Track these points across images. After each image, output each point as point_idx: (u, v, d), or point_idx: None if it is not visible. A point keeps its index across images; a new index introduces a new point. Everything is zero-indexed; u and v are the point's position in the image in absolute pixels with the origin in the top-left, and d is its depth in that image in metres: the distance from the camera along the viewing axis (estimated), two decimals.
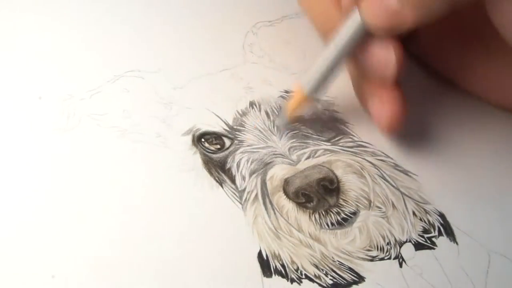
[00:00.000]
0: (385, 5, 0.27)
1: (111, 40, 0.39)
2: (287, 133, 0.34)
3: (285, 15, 0.40)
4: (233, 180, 0.32)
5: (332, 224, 0.31)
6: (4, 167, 0.32)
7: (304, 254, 0.30)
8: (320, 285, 0.29)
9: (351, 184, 0.32)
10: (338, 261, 0.30)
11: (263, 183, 0.32)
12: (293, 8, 0.40)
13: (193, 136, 0.34)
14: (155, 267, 0.29)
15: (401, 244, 0.30)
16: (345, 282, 0.29)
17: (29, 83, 0.36)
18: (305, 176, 0.31)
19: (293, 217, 0.31)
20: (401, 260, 0.30)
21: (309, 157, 0.33)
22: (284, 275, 0.29)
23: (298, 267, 0.29)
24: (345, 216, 0.31)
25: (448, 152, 0.34)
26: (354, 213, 0.31)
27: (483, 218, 0.32)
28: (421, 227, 0.31)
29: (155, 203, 0.31)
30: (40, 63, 0.37)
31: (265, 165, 0.32)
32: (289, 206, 0.31)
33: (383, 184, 0.32)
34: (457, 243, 0.31)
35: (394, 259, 0.30)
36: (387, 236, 0.31)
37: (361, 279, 0.29)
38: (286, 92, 0.36)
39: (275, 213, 0.31)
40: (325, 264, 0.30)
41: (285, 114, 0.33)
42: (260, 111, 0.35)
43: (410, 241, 0.31)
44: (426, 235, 0.31)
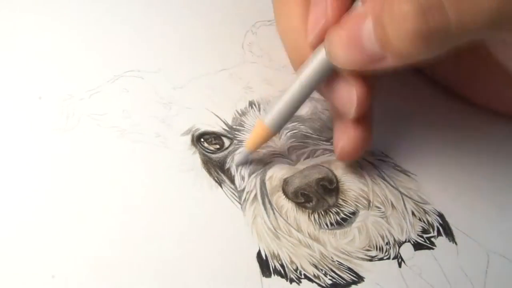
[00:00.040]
0: (361, 47, 0.24)
1: (111, 40, 0.39)
2: (287, 132, 0.34)
3: None
4: (232, 180, 0.32)
5: (331, 224, 0.31)
6: (4, 167, 0.32)
7: (303, 254, 0.30)
8: (319, 285, 0.29)
9: (350, 184, 0.32)
10: (337, 261, 0.30)
11: (262, 183, 0.32)
12: None
13: (192, 136, 0.34)
14: (154, 267, 0.29)
15: (400, 244, 0.30)
16: (344, 282, 0.29)
17: (29, 83, 0.36)
18: (304, 176, 0.31)
19: (292, 217, 0.31)
20: (400, 260, 0.30)
21: (308, 157, 0.33)
22: (283, 275, 0.29)
23: (297, 267, 0.29)
24: (344, 216, 0.31)
25: (448, 152, 0.34)
26: (353, 213, 0.31)
27: (482, 218, 0.32)
28: (420, 227, 0.31)
29: (154, 203, 0.31)
30: (40, 63, 0.37)
31: (264, 165, 0.32)
32: (288, 206, 0.31)
33: (382, 184, 0.32)
34: (456, 243, 0.31)
35: (393, 259, 0.30)
36: (386, 236, 0.31)
37: (360, 279, 0.29)
38: None
39: (274, 213, 0.31)
40: (324, 264, 0.30)
41: (246, 149, 0.31)
42: (259, 111, 0.35)
43: (409, 241, 0.31)
44: (425, 235, 0.31)
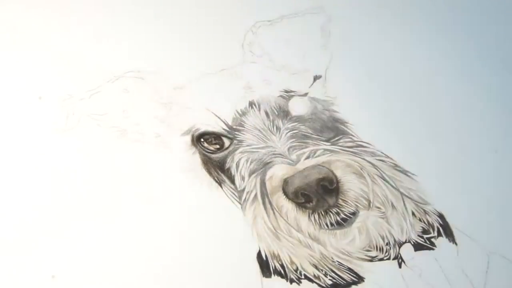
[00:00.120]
0: None
1: (111, 40, 0.39)
2: (287, 132, 0.34)
3: (284, 14, 0.40)
4: (232, 180, 0.32)
5: (332, 224, 0.31)
6: (4, 166, 0.32)
7: (303, 254, 0.30)
8: (319, 285, 0.29)
9: (350, 184, 0.32)
10: (338, 261, 0.30)
11: (263, 183, 0.32)
12: (292, 7, 0.40)
13: (192, 136, 0.34)
14: (154, 266, 0.29)
15: (400, 244, 0.30)
16: (345, 282, 0.29)
17: (29, 83, 0.36)
18: (304, 176, 0.31)
19: (293, 217, 0.31)
20: (400, 260, 0.30)
21: (308, 157, 0.32)
22: (284, 275, 0.29)
23: (297, 267, 0.29)
24: (344, 217, 0.31)
25: (448, 152, 0.34)
26: (354, 214, 0.31)
27: (482, 218, 0.32)
28: (421, 228, 0.31)
29: (154, 202, 0.31)
30: (40, 63, 0.37)
31: (264, 165, 0.32)
32: (288, 206, 0.31)
33: (382, 185, 0.32)
34: (456, 244, 0.31)
35: (394, 259, 0.30)
36: (386, 236, 0.31)
37: (360, 279, 0.29)
38: (286, 91, 0.36)
39: (274, 213, 0.31)
40: (325, 264, 0.30)
41: None
42: (259, 110, 0.35)
43: (409, 241, 0.31)
44: (425, 236, 0.31)
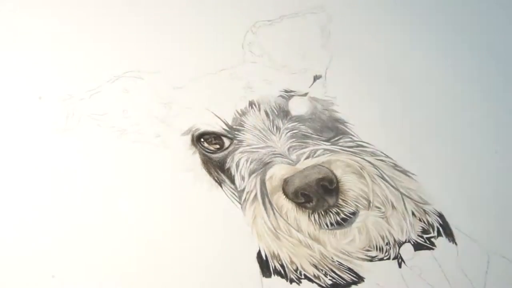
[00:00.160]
0: None
1: (111, 40, 0.39)
2: (287, 132, 0.34)
3: (284, 14, 0.40)
4: (232, 180, 0.32)
5: (332, 224, 0.31)
6: (4, 166, 0.32)
7: (303, 254, 0.30)
8: (319, 285, 0.29)
9: (350, 184, 0.32)
10: (338, 261, 0.30)
11: (263, 183, 0.32)
12: (292, 7, 0.40)
13: (192, 136, 0.34)
14: (154, 266, 0.29)
15: (400, 244, 0.30)
16: (345, 282, 0.29)
17: (29, 83, 0.36)
18: (304, 176, 0.31)
19: (293, 217, 0.31)
20: (400, 260, 0.30)
21: (308, 156, 0.32)
22: (283, 275, 0.29)
23: (297, 267, 0.29)
24: (344, 216, 0.31)
25: (448, 152, 0.34)
26: (354, 213, 0.31)
27: (482, 218, 0.32)
28: (420, 228, 0.31)
29: (154, 202, 0.31)
30: (40, 63, 0.37)
31: (264, 165, 0.32)
32: (288, 206, 0.31)
33: (382, 184, 0.32)
34: (456, 244, 0.31)
35: (393, 259, 0.30)
36: (386, 236, 0.31)
37: (360, 279, 0.29)
38: (286, 91, 0.36)
39: (274, 213, 0.31)
40: (325, 264, 0.30)
41: None
42: (259, 110, 0.35)
43: (409, 241, 0.31)
44: (425, 236, 0.31)
